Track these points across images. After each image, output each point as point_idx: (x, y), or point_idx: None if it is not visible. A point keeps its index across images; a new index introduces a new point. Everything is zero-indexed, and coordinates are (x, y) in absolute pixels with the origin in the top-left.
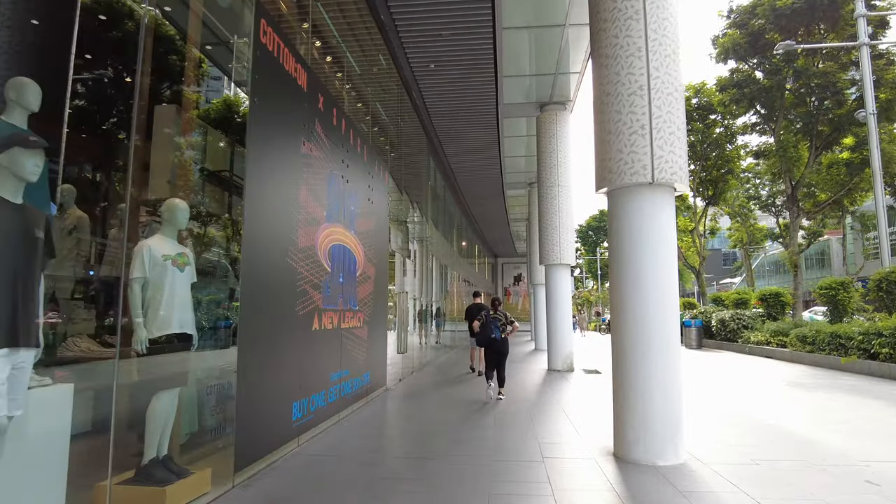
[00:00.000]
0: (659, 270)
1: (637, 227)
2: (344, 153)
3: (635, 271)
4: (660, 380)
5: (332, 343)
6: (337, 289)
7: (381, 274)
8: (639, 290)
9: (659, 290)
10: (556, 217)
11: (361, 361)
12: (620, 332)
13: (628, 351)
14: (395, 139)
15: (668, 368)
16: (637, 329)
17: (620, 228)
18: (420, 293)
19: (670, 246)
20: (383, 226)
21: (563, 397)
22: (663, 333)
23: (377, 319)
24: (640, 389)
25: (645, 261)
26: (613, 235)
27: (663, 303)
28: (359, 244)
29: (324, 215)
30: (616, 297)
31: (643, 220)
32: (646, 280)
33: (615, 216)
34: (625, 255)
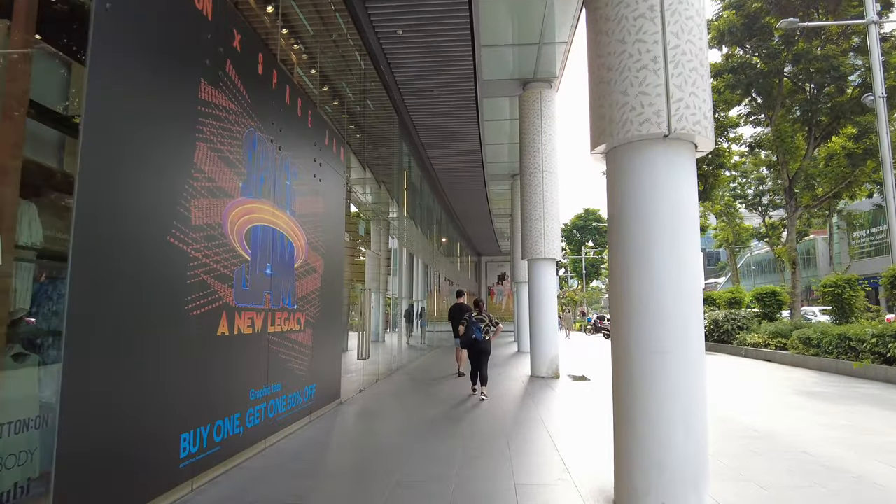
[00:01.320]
0: (678, 256)
1: (648, 197)
2: (275, 113)
3: (646, 257)
4: (680, 403)
5: (254, 351)
6: (262, 282)
7: (333, 267)
8: (651, 283)
9: (678, 283)
10: (539, 206)
11: (302, 372)
12: (625, 337)
13: (636, 363)
14: (361, 117)
15: (691, 387)
16: (648, 334)
17: (625, 199)
18: (392, 290)
19: (692, 223)
20: (336, 210)
21: (547, 413)
22: (684, 339)
23: (327, 321)
24: (654, 417)
25: (659, 243)
26: (616, 210)
27: (685, 300)
28: (299, 228)
29: (238, 186)
30: (619, 291)
31: (656, 187)
32: (661, 269)
33: (618, 183)
34: (631, 236)
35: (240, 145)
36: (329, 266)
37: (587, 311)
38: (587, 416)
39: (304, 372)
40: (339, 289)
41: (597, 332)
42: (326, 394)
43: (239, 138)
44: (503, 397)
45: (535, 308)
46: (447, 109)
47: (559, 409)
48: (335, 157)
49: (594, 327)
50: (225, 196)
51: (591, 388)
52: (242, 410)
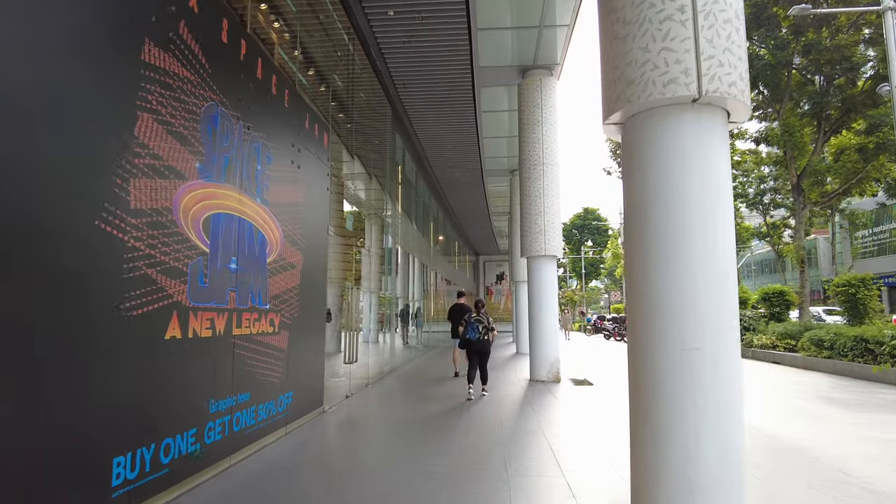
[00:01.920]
0: (711, 243)
1: (675, 174)
2: (243, 88)
3: (672, 245)
4: (714, 413)
5: (214, 357)
6: (225, 278)
7: (315, 263)
8: (679, 275)
9: (711, 274)
10: (540, 200)
11: (276, 379)
12: (647, 338)
13: (661, 367)
14: (350, 105)
15: (727, 394)
16: (675, 334)
17: (646, 177)
18: (385, 289)
19: (725, 204)
20: (319, 201)
21: (549, 424)
22: (719, 338)
23: (307, 322)
24: (682, 430)
25: (689, 228)
26: (635, 189)
27: (719, 293)
28: (273, 219)
29: (194, 168)
30: (640, 284)
31: (684, 162)
32: (691, 258)
33: (637, 158)
34: (655, 220)
35: (196, 120)
36: (310, 262)
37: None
38: (593, 426)
39: (279, 379)
40: (322, 287)
41: (597, 333)
42: (306, 402)
43: (196, 112)
44: (501, 404)
45: (535, 308)
46: (443, 99)
47: (562, 419)
48: (318, 144)
49: (594, 327)
50: (177, 177)
51: (594, 394)
52: (199, 425)
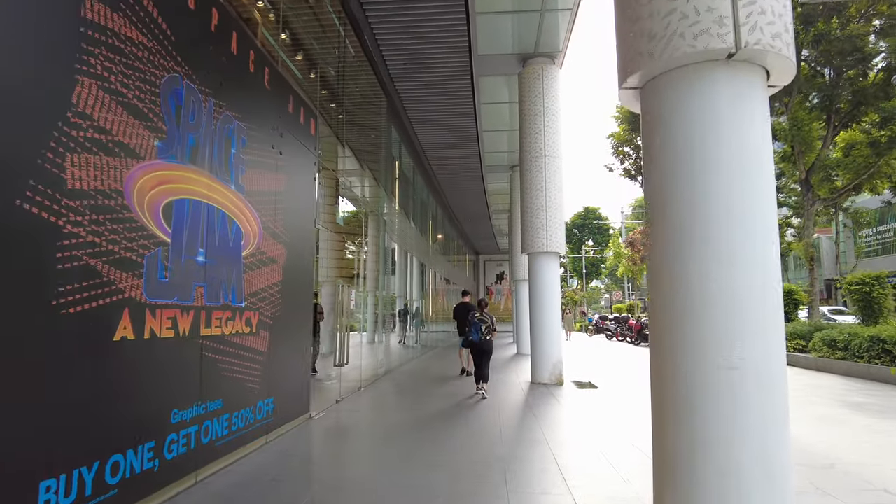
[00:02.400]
0: (751, 231)
1: (707, 147)
2: (214, 62)
3: (704, 234)
4: (757, 437)
5: (178, 361)
6: (191, 272)
7: (300, 258)
8: (713, 270)
9: (751, 268)
10: (541, 194)
11: (254, 384)
12: (675, 348)
13: (693, 383)
14: (342, 93)
15: (772, 415)
16: (710, 342)
17: (671, 150)
18: (381, 288)
19: (768, 184)
20: (304, 191)
21: (553, 433)
22: (763, 348)
23: (290, 321)
24: (720, 458)
25: (724, 212)
26: (657, 165)
27: (762, 292)
28: (250, 209)
29: (153, 146)
30: (665, 281)
31: (718, 131)
32: (726, 250)
33: (660, 128)
34: (682, 203)
35: (155, 93)
36: (294, 256)
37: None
38: (601, 435)
39: (258, 384)
40: (308, 284)
41: (599, 333)
42: (290, 408)
43: (155, 84)
44: (500, 410)
45: (537, 307)
46: (440, 89)
47: (566, 427)
48: (303, 130)
49: (595, 327)
50: (129, 156)
51: (599, 398)
52: (159, 437)
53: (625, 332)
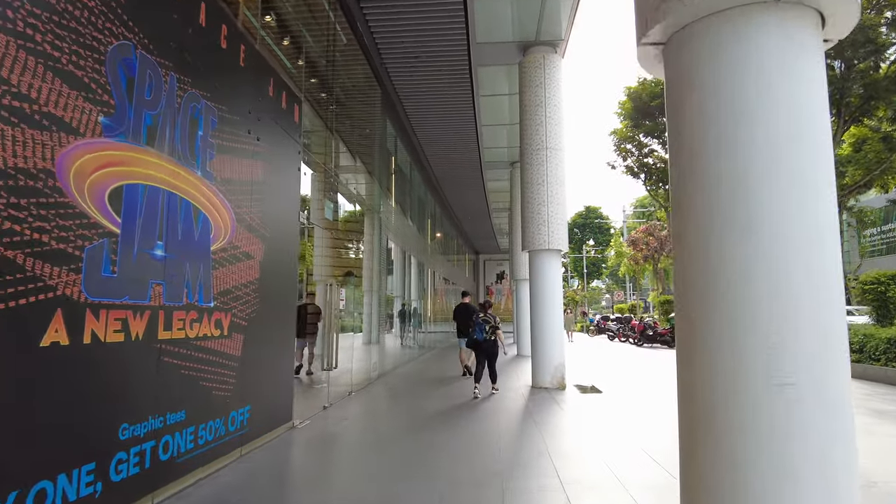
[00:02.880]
0: (808, 214)
1: (749, 107)
2: (175, 32)
3: (748, 217)
4: (818, 471)
5: (129, 368)
6: (145, 268)
7: (282, 254)
8: (757, 262)
9: (807, 261)
10: (543, 188)
11: (226, 393)
12: (711, 360)
13: (738, 405)
14: (333, 81)
15: (835, 444)
16: (757, 353)
17: (707, 113)
18: (374, 287)
19: (825, 154)
20: (287, 182)
21: (557, 444)
22: (823, 355)
23: (270, 322)
24: (769, 496)
25: (773, 191)
26: (688, 131)
27: (821, 292)
28: (220, 198)
29: (96, 122)
30: (696, 276)
31: (767, 87)
32: (779, 235)
33: (690, 85)
34: (717, 179)
35: (100, 61)
36: (274, 252)
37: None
38: (606, 445)
39: (231, 392)
40: (290, 283)
41: (600, 333)
42: (269, 417)
43: (99, 51)
44: (500, 417)
45: (538, 307)
46: (437, 80)
47: (570, 436)
48: (285, 116)
49: (597, 328)
50: (64, 131)
51: (604, 404)
52: (102, 458)
53: (627, 332)
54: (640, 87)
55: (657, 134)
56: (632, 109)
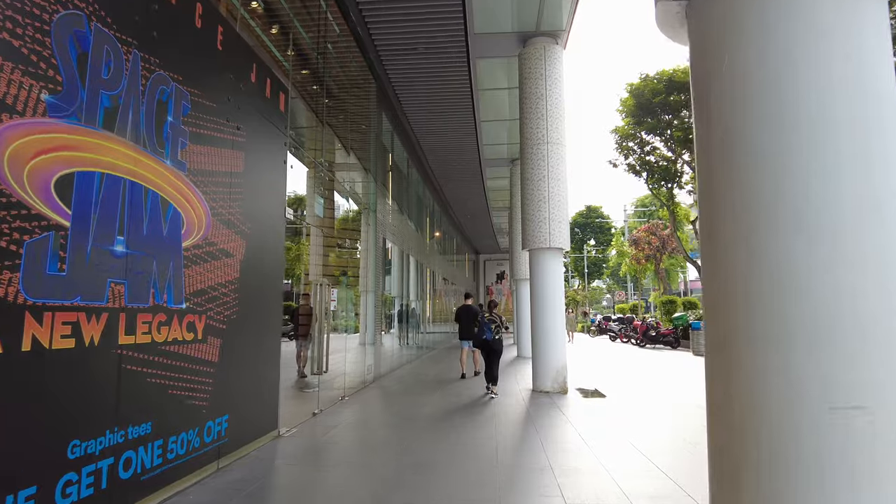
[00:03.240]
0: (868, 200)
1: (801, 72)
2: (138, 5)
3: (799, 196)
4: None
5: (79, 378)
6: (102, 265)
7: (265, 252)
8: (813, 260)
9: (873, 261)
10: (544, 184)
11: (201, 402)
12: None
13: (791, 430)
14: (324, 72)
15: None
16: (815, 383)
17: (747, 79)
18: (368, 287)
19: (893, 131)
20: (272, 176)
21: (560, 456)
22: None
23: (252, 326)
24: None
25: (832, 167)
26: (722, 105)
27: (886, 296)
28: (193, 191)
29: (39, 100)
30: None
31: (825, 36)
32: (835, 231)
33: (722, 47)
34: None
35: (44, 32)
36: (257, 250)
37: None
38: (614, 458)
39: (207, 400)
40: (276, 282)
41: (602, 334)
42: (251, 426)
43: (41, 19)
44: (498, 424)
45: (539, 308)
46: (434, 73)
47: (574, 448)
48: (270, 104)
49: (598, 328)
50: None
51: (609, 410)
52: (46, 481)
53: (629, 333)
54: (641, 83)
55: (659, 131)
56: (633, 107)
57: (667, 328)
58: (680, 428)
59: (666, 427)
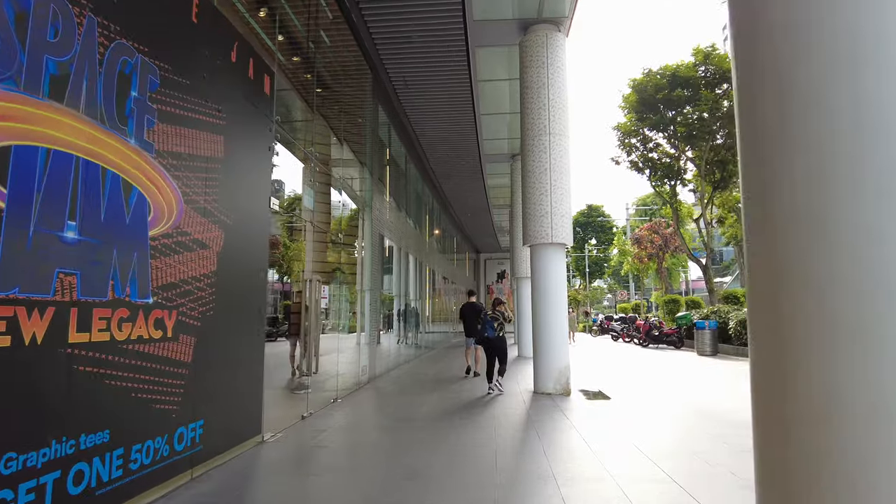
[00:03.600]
0: None
1: None
2: None
3: (879, 177)
4: None
5: (16, 382)
6: (52, 252)
7: (247, 245)
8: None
9: None
10: (545, 177)
11: (171, 405)
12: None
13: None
14: (315, 59)
15: None
16: None
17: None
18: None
19: None
20: (255, 163)
21: (562, 461)
22: None
23: (231, 323)
24: None
25: None
26: (777, 61)
27: None
28: (163, 175)
29: None
30: (804, 266)
31: None
32: None
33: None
34: (837, 123)
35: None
36: (237, 242)
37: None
38: (621, 465)
39: (177, 404)
40: (259, 277)
41: (604, 334)
42: (231, 431)
43: None
44: (498, 428)
45: (541, 307)
46: (432, 62)
47: (578, 454)
48: (253, 87)
49: (600, 328)
50: None
51: (614, 413)
52: None
53: (632, 333)
54: (644, 78)
55: (662, 127)
56: (636, 102)
57: (670, 328)
58: (688, 431)
59: (673, 430)
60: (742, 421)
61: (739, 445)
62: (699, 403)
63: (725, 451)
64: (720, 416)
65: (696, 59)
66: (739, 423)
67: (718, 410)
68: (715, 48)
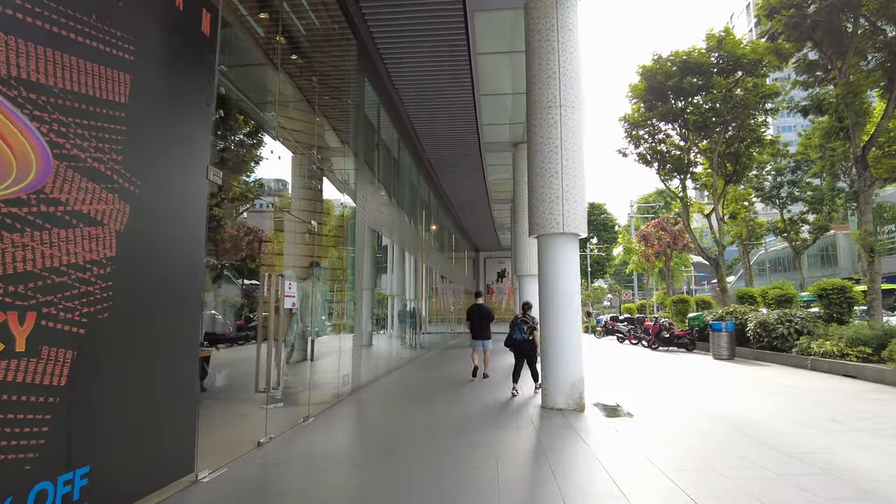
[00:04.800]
0: None
1: None
2: None
3: None
4: None
5: None
6: None
7: (170, 227)
8: None
9: None
10: (556, 157)
11: (30, 453)
12: None
13: None
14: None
15: None
16: None
17: None
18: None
19: None
20: (184, 119)
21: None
22: None
23: (144, 331)
24: None
25: None
26: None
27: None
28: (15, 117)
29: None
30: None
31: None
32: None
33: None
34: None
35: None
36: (153, 221)
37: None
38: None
39: (36, 451)
40: (191, 270)
41: (608, 335)
42: (143, 475)
43: None
44: (501, 456)
45: (550, 308)
46: (424, 29)
47: (604, 496)
48: (182, 20)
49: (605, 329)
50: None
51: (640, 433)
52: None
53: (640, 334)
54: (654, 65)
55: (672, 117)
56: (645, 91)
57: (681, 329)
58: (741, 460)
59: (725, 460)
60: (802, 447)
61: (815, 490)
62: (738, 420)
63: (803, 501)
64: (772, 442)
65: (708, 45)
66: (796, 449)
67: (765, 430)
68: (730, 32)
